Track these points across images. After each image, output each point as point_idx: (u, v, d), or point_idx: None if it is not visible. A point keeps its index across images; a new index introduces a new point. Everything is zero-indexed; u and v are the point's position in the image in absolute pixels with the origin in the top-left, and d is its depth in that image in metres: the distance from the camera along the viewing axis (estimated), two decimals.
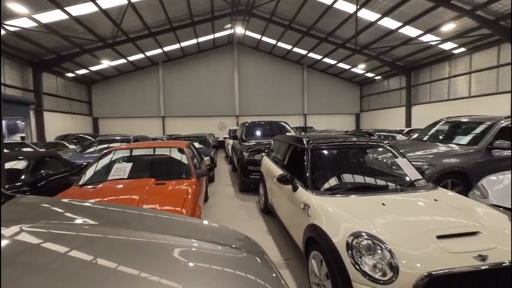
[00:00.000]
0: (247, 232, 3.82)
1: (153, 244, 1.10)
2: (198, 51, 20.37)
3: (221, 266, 1.02)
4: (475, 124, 5.36)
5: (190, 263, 0.99)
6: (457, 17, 10.75)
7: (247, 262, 1.09)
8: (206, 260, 1.04)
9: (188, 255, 1.06)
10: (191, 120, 21.01)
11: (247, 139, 7.21)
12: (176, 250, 1.07)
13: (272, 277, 1.04)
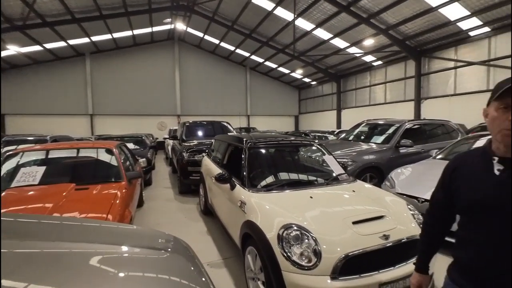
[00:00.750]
0: (185, 234, 3.72)
1: (70, 254, 1.02)
2: (134, 44, 18.80)
3: (142, 270, 0.97)
4: (388, 126, 6.30)
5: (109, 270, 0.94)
6: (375, 34, 12.50)
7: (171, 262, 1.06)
8: (126, 265, 0.99)
9: (107, 262, 1.00)
10: (127, 119, 19.24)
11: (187, 139, 6.97)
12: (95, 258, 1.01)
13: (196, 276, 1.03)
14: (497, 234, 0.91)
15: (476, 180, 0.98)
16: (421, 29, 11.67)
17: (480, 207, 0.95)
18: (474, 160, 1.02)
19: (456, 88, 12.10)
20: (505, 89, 0.85)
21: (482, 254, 0.95)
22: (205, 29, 17.17)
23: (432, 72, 13.05)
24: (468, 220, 1.02)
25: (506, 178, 0.90)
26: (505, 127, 0.86)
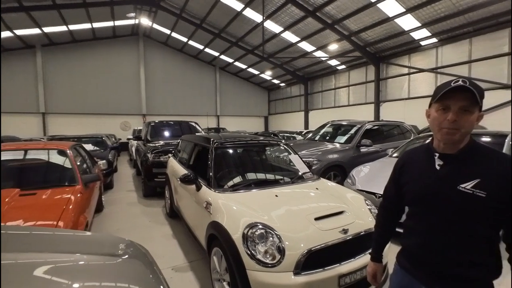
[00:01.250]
0: (148, 239, 3.56)
1: (15, 266, 0.94)
2: (94, 38, 17.53)
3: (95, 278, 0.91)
4: (350, 127, 6.66)
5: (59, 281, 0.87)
6: (339, 39, 13.16)
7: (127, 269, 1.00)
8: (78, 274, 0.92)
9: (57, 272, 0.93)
10: (86, 118, 17.86)
11: (152, 140, 6.68)
12: (43, 268, 0.93)
13: (154, 283, 0.98)
14: (436, 223, 1.01)
15: (420, 174, 1.07)
16: (380, 37, 12.56)
17: (423, 199, 1.04)
18: (419, 156, 1.12)
19: (410, 92, 13.22)
20: (443, 93, 0.95)
21: (425, 242, 1.05)
22: (172, 26, 16.63)
23: (390, 77, 14.11)
24: (413, 211, 1.12)
25: (445, 173, 1.00)
26: (444, 126, 0.96)
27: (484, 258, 0.94)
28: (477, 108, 0.95)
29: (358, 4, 10.70)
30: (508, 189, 0.89)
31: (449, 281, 0.98)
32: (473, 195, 0.92)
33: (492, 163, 0.95)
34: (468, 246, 0.95)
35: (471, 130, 0.96)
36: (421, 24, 10.93)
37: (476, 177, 0.93)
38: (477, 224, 0.93)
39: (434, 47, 12.03)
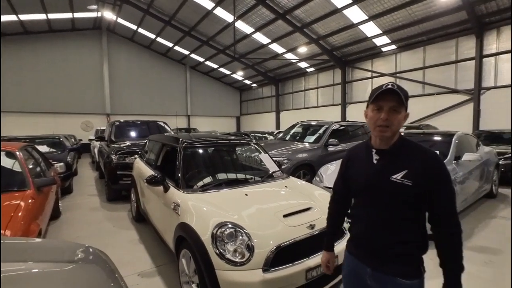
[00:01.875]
0: (112, 245, 3.37)
1: None
2: (49, 30, 16.09)
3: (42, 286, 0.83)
4: (319, 127, 6.91)
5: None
6: (308, 43, 13.60)
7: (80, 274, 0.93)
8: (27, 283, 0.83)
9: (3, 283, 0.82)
10: (41, 117, 16.31)
11: (117, 140, 6.31)
12: None
13: (109, 285, 0.93)
14: (375, 211, 1.15)
15: (361, 168, 1.21)
16: (345, 42, 13.22)
17: (364, 190, 1.18)
18: (361, 152, 1.25)
19: None
20: (376, 95, 1.08)
21: (366, 228, 1.19)
22: (139, 21, 15.89)
23: (355, 80, 14.91)
24: (357, 202, 1.27)
25: (380, 166, 1.13)
26: (378, 123, 1.09)
27: (414, 237, 1.10)
28: (404, 109, 1.09)
29: (325, 9, 11.16)
30: (429, 178, 1.05)
31: (388, 259, 1.12)
32: (402, 184, 1.06)
33: (417, 156, 1.09)
34: (401, 227, 1.10)
35: (399, 127, 1.10)
36: (382, 32, 11.72)
37: (404, 169, 1.07)
38: (407, 208, 1.08)
39: (394, 54, 12.97)
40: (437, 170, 1.06)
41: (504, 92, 9.78)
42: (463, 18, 9.79)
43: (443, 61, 11.29)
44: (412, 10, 10.06)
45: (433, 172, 1.05)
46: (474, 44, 10.27)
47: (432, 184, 1.05)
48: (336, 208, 1.42)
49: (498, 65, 9.93)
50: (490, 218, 4.12)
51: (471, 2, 9.06)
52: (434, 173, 1.05)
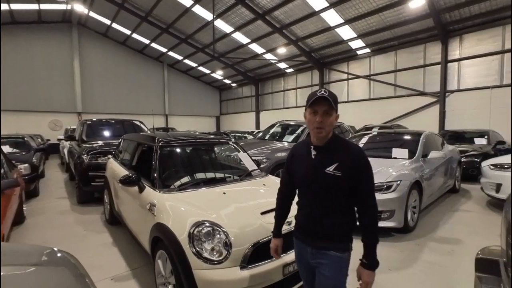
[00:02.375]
0: (83, 249, 3.21)
1: None
2: (12, 21, 14.92)
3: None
4: (297, 127, 7.05)
5: None
6: (287, 44, 13.80)
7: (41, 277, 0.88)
8: None
9: None
10: (3, 116, 15.04)
11: (89, 140, 6.01)
12: None
13: None
14: (313, 199, 1.35)
15: (302, 163, 1.38)
16: (323, 44, 13.58)
17: (304, 181, 1.37)
18: (302, 149, 1.42)
19: (349, 96, 14.62)
20: (312, 101, 1.24)
21: (307, 214, 1.39)
22: (113, 16, 15.22)
23: (332, 82, 15.36)
24: (300, 192, 1.44)
25: (317, 160, 1.31)
26: (315, 125, 1.26)
27: (346, 219, 1.33)
28: (335, 111, 1.28)
29: (304, 12, 11.39)
30: (355, 170, 1.25)
31: (324, 238, 1.33)
32: (334, 175, 1.25)
33: (346, 151, 1.29)
34: (335, 212, 1.31)
35: (332, 127, 1.29)
36: (357, 35, 12.18)
37: (335, 162, 1.27)
38: (339, 196, 1.29)
39: (368, 57, 13.53)
40: (362, 163, 1.27)
41: (467, 95, 10.57)
42: (430, 25, 10.44)
43: (413, 65, 11.97)
44: (384, 15, 10.57)
45: (359, 164, 1.27)
46: (440, 50, 11.00)
47: (358, 175, 1.26)
48: (283, 198, 1.58)
49: (461, 70, 10.72)
50: (453, 211, 4.44)
51: (437, 11, 9.69)
52: (359, 165, 1.27)
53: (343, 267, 1.33)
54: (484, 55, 10.07)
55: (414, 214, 3.75)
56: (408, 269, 2.68)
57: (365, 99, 13.82)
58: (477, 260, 1.44)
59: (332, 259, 1.30)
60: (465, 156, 6.72)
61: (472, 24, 10.10)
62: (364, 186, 1.28)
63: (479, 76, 10.27)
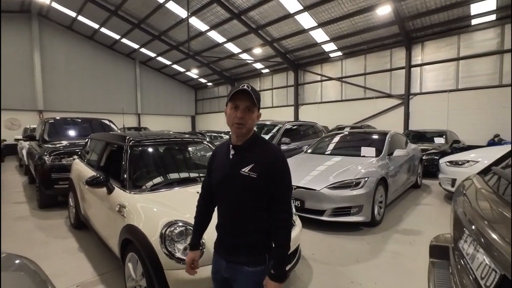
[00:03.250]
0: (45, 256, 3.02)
1: None
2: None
3: None
4: (273, 126, 7.15)
5: None
6: (263, 44, 13.94)
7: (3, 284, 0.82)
8: None
9: None
10: None
11: (52, 140, 5.61)
12: None
13: None
14: (229, 203, 1.21)
15: (221, 163, 1.27)
16: (298, 46, 13.90)
17: (221, 183, 1.24)
18: (223, 149, 1.31)
19: (322, 97, 15.11)
20: (233, 94, 1.16)
21: (222, 221, 1.26)
22: (79, 8, 14.31)
23: (306, 83, 15.78)
24: (217, 197, 1.29)
25: (234, 160, 1.21)
26: (236, 121, 1.16)
27: (262, 227, 1.18)
28: (257, 109, 1.20)
29: (279, 13, 11.58)
30: (272, 171, 1.15)
31: (238, 249, 1.20)
32: (249, 176, 1.15)
33: (263, 152, 1.19)
34: (250, 218, 1.19)
35: (253, 125, 1.21)
36: (330, 39, 12.64)
37: (252, 163, 1.16)
38: (254, 199, 1.17)
39: (340, 60, 14.09)
40: (279, 164, 1.17)
41: (428, 97, 11.43)
42: (395, 31, 11.14)
43: (380, 68, 12.69)
44: (355, 20, 11.08)
45: (275, 165, 1.16)
46: (404, 55, 11.77)
47: (274, 176, 1.15)
48: (202, 204, 1.39)
49: (423, 74, 11.56)
50: (415, 205, 4.79)
51: (401, 18, 10.36)
52: (276, 167, 1.16)
53: (259, 282, 1.16)
54: (442, 62, 10.97)
55: (381, 209, 3.99)
56: (374, 260, 2.85)
57: (338, 100, 14.38)
58: (431, 247, 1.58)
59: (247, 275, 1.18)
60: (426, 154, 7.26)
61: (432, 32, 10.94)
62: (279, 189, 1.16)
63: (438, 80, 11.16)
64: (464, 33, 10.32)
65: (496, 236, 0.83)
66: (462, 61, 10.49)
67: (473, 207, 1.10)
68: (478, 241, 0.91)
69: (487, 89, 9.97)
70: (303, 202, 3.74)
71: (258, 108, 1.21)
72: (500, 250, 0.76)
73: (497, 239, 0.81)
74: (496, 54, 9.73)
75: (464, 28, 10.22)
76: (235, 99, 1.16)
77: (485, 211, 0.99)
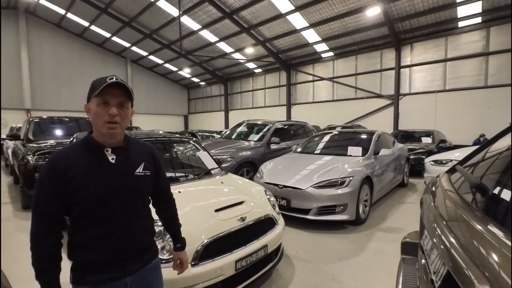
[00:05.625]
0: (25, 259, 2.91)
1: None
2: None
3: None
4: (263, 126, 7.16)
5: None
6: (255, 44, 13.95)
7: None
8: None
9: None
10: None
11: (37, 139, 5.51)
12: None
13: None
14: (121, 211, 1.04)
15: (96, 173, 1.00)
16: (290, 46, 13.96)
17: (106, 196, 1.01)
18: (82, 156, 1.02)
19: (314, 97, 15.22)
20: (102, 88, 0.97)
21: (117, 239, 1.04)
22: (68, 5, 14.08)
23: (299, 83, 15.86)
24: (93, 216, 1.00)
25: (120, 164, 1.05)
26: (108, 119, 0.98)
27: (150, 223, 1.19)
28: (131, 104, 1.06)
29: (270, 13, 11.61)
30: (155, 166, 1.20)
31: (141, 254, 1.12)
32: (145, 175, 1.12)
33: (143, 148, 1.19)
34: (143, 219, 1.14)
35: (127, 123, 1.06)
36: (321, 39, 12.74)
37: (141, 161, 1.13)
38: (144, 198, 1.16)
39: (331, 60, 14.22)
40: (158, 157, 1.23)
41: (416, 98, 11.63)
42: (385, 33, 11.30)
43: (371, 69, 12.85)
44: (345, 21, 11.19)
45: (157, 159, 1.23)
46: (394, 56, 11.95)
47: (157, 170, 1.21)
48: (57, 241, 1.00)
49: (412, 75, 11.76)
50: (400, 203, 4.88)
51: (391, 20, 10.51)
52: (158, 160, 1.23)
53: (160, 269, 1.26)
54: (430, 63, 11.18)
55: (366, 207, 4.05)
56: (356, 257, 2.90)
57: (329, 100, 14.50)
58: (402, 243, 1.62)
59: (157, 268, 1.22)
60: (413, 153, 7.39)
61: (420, 34, 11.14)
62: (163, 179, 1.27)
63: (426, 81, 11.37)
64: (451, 35, 10.54)
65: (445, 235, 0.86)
66: (449, 62, 10.71)
67: (435, 205, 1.14)
68: (432, 238, 0.94)
69: (473, 90, 10.21)
70: (289, 201, 3.77)
71: (132, 104, 1.07)
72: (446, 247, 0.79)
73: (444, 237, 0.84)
74: (481, 56, 9.98)
75: (451, 30, 10.43)
76: (104, 94, 0.98)
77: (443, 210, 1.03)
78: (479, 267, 0.63)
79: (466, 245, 0.74)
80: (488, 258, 0.64)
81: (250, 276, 2.14)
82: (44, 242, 0.99)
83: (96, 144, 1.03)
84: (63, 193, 0.97)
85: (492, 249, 0.65)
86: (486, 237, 0.71)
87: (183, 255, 1.39)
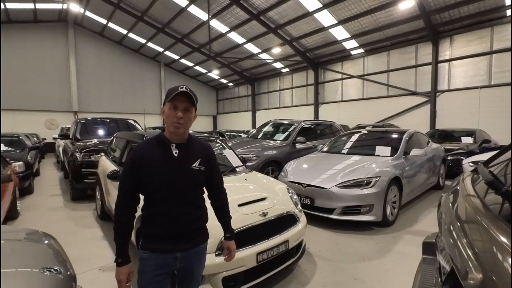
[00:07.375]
0: (73, 242, 3.36)
1: None
2: (8, 21, 14.95)
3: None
4: (289, 125, 7.19)
5: None
6: (282, 44, 13.94)
7: (23, 248, 1.02)
8: None
9: None
10: None
11: (83, 138, 6.13)
12: None
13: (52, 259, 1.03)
14: (178, 197, 1.26)
15: (162, 163, 1.25)
16: (317, 44, 13.73)
17: (168, 182, 1.23)
18: (155, 148, 1.28)
19: (343, 96, 14.79)
20: (173, 96, 1.23)
21: (171, 219, 1.26)
22: (109, 16, 15.29)
23: (326, 82, 15.53)
24: (158, 198, 1.24)
25: (181, 158, 1.29)
26: (175, 121, 1.24)
27: (203, 211, 1.41)
28: (194, 109, 1.31)
29: (297, 12, 11.53)
30: (210, 162, 1.39)
31: (192, 236, 1.34)
32: (199, 170, 1.33)
33: (201, 146, 1.40)
34: (197, 206, 1.36)
35: (190, 125, 1.31)
36: (351, 36, 12.35)
37: (198, 157, 1.34)
38: (199, 189, 1.38)
39: (362, 57, 13.70)
40: (213, 154, 1.44)
41: (456, 95, 10.78)
42: (420, 26, 10.63)
43: (405, 65, 12.16)
44: (376, 16, 10.73)
45: (212, 156, 1.42)
46: (430, 51, 11.19)
47: (212, 166, 1.41)
48: (127, 213, 1.28)
49: (451, 70, 10.91)
50: (433, 207, 4.61)
51: (427, 12, 9.87)
52: (213, 157, 1.43)
53: (205, 254, 1.45)
54: (473, 56, 10.28)
55: (394, 209, 3.91)
56: (380, 259, 2.84)
57: (359, 99, 14.00)
58: (424, 243, 1.60)
59: (202, 253, 1.41)
60: (451, 154, 6.90)
61: (461, 26, 10.30)
62: (217, 175, 1.47)
63: (468, 76, 10.48)
64: (497, 25, 9.59)
65: (458, 234, 0.87)
66: (496, 55, 9.76)
67: (452, 204, 1.13)
68: (444, 236, 0.95)
69: None
70: (313, 200, 3.78)
71: (196, 109, 1.32)
72: (449, 246, 0.81)
73: (451, 238, 0.86)
74: None
75: (497, 20, 9.50)
76: (174, 100, 1.23)
77: (459, 210, 1.03)
78: (481, 265, 0.65)
79: (473, 243, 0.75)
80: (490, 254, 0.66)
81: (271, 269, 2.22)
82: (121, 212, 1.28)
83: (165, 140, 1.30)
84: (138, 175, 1.25)
85: (499, 250, 0.67)
86: (495, 237, 0.71)
87: (231, 244, 1.55)
